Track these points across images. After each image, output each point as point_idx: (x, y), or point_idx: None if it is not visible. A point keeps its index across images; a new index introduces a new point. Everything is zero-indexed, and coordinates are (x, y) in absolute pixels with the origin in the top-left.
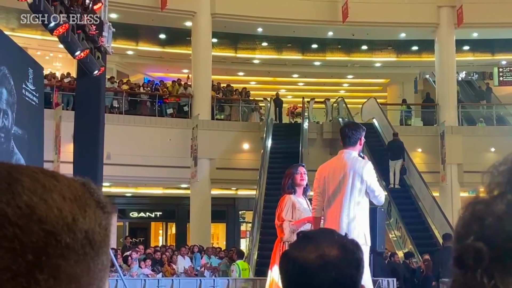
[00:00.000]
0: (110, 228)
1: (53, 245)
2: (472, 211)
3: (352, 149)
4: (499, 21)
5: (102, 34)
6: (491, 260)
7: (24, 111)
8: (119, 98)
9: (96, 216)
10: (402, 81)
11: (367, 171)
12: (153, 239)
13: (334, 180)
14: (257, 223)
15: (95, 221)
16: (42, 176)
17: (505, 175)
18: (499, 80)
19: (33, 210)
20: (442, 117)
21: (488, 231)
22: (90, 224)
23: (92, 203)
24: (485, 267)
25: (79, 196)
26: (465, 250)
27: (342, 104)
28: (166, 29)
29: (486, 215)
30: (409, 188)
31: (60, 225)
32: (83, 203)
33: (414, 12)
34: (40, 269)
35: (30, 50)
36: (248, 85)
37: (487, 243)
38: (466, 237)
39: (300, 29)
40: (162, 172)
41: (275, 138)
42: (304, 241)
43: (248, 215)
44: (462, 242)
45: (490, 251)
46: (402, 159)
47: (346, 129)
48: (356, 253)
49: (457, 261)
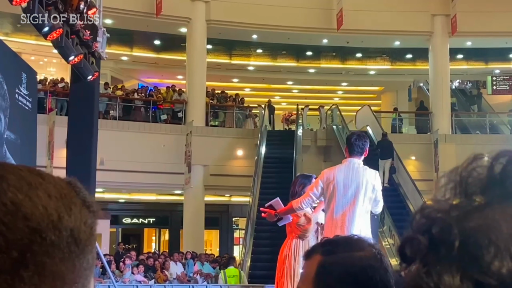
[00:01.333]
0: (95, 227)
1: (38, 243)
2: (420, 212)
3: (359, 158)
4: (493, 30)
5: (96, 39)
6: (427, 250)
7: (17, 116)
8: (113, 103)
9: (81, 214)
10: (396, 89)
11: (378, 180)
12: (146, 246)
13: (346, 188)
14: (251, 230)
15: (81, 220)
16: (27, 174)
17: (452, 183)
18: (493, 89)
19: (18, 207)
20: (435, 125)
21: (426, 226)
22: (76, 222)
23: (78, 201)
24: (422, 257)
25: (65, 195)
26: (406, 242)
27: (336, 112)
28: (161, 35)
29: (430, 215)
30: (398, 186)
31: (45, 223)
32: (68, 201)
33: (408, 20)
34: (24, 266)
35: (24, 55)
36: (243, 92)
37: (425, 235)
38: (410, 232)
39: (295, 36)
40: (156, 178)
41: (269, 145)
42: (335, 248)
43: (241, 222)
44: (404, 237)
45: (428, 242)
46: (391, 158)
47: (356, 139)
48: (384, 261)
49: (399, 253)
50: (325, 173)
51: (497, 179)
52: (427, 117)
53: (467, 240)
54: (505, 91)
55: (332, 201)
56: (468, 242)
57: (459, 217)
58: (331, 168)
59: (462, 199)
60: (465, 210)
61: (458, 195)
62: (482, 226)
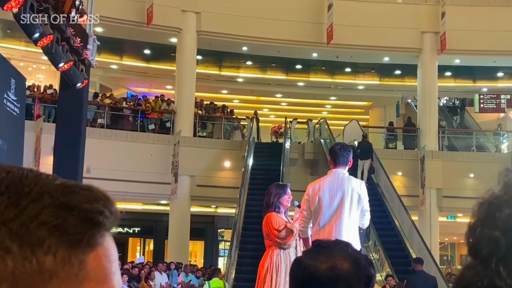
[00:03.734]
0: None
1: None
2: (488, 207)
3: (343, 168)
4: (481, 49)
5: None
6: (508, 249)
7: (4, 121)
8: (101, 111)
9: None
10: (385, 105)
11: (364, 190)
12: (130, 255)
13: (331, 199)
14: (236, 241)
15: None
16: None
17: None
18: (480, 107)
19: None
20: (422, 142)
21: (504, 223)
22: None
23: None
24: (501, 256)
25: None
26: (482, 239)
27: (324, 125)
28: (151, 45)
29: (502, 210)
30: (376, 186)
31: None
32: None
33: (398, 36)
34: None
35: (13, 61)
36: (231, 104)
37: (503, 234)
38: (482, 228)
39: (285, 49)
40: (142, 188)
41: (257, 157)
42: (318, 251)
43: (227, 234)
44: (477, 232)
45: (507, 241)
46: (370, 158)
47: (340, 149)
48: (368, 269)
49: (473, 250)
50: (310, 187)
51: None
52: (415, 133)
53: None
54: (492, 110)
55: (319, 213)
56: None
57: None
58: (315, 181)
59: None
60: None
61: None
62: None
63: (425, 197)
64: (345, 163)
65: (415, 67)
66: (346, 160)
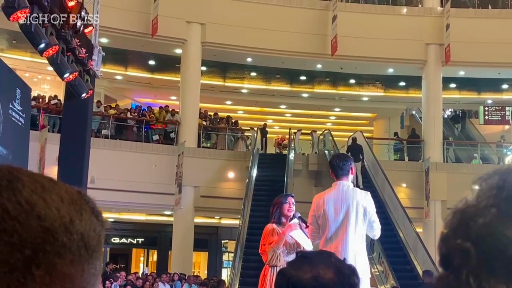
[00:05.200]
0: (103, 235)
1: (51, 243)
2: (461, 216)
3: (346, 179)
4: (486, 61)
5: (91, 58)
6: (478, 261)
7: (10, 131)
8: (106, 122)
9: (91, 221)
10: (389, 116)
11: (370, 201)
12: (134, 266)
13: (336, 213)
14: (240, 252)
15: (90, 226)
16: (40, 177)
17: (493, 189)
18: (485, 119)
19: (33, 207)
20: (427, 154)
21: (476, 234)
22: (86, 227)
23: (88, 209)
24: (471, 267)
25: (76, 200)
26: (453, 250)
27: (329, 137)
28: (155, 56)
29: (475, 220)
30: (375, 189)
31: (58, 224)
32: (79, 207)
33: (402, 48)
34: (36, 265)
35: (18, 71)
36: (236, 114)
37: (474, 245)
38: (454, 238)
39: (289, 60)
40: (146, 198)
41: (261, 168)
42: (301, 261)
43: (230, 245)
44: (449, 243)
45: (477, 252)
46: (360, 161)
47: (337, 161)
48: (351, 278)
49: (444, 260)
50: (315, 201)
51: None
52: (419, 145)
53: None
54: (496, 122)
55: (326, 226)
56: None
57: (505, 223)
58: (320, 194)
59: (507, 202)
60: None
61: (497, 199)
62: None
63: (429, 209)
64: (346, 174)
65: (419, 78)
66: (346, 171)
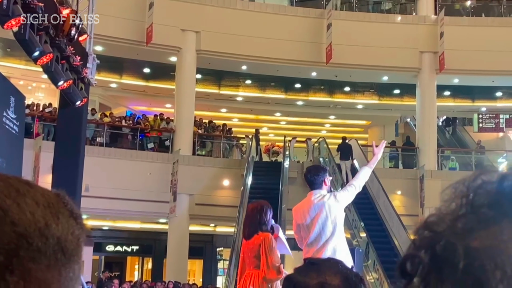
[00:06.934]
0: (82, 238)
1: (25, 248)
2: (423, 225)
3: (319, 190)
4: (480, 69)
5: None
6: (429, 269)
7: (3, 139)
8: (100, 130)
9: (69, 224)
10: (384, 124)
11: (334, 196)
12: (128, 274)
13: (308, 219)
14: (235, 260)
15: (68, 229)
16: (16, 181)
17: (454, 199)
18: (479, 127)
19: (6, 212)
20: (421, 161)
21: (429, 242)
22: (63, 231)
23: (66, 212)
24: (424, 275)
25: (53, 204)
26: (407, 258)
27: (323, 144)
28: (150, 64)
29: (433, 229)
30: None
31: (32, 229)
32: (56, 210)
33: (397, 56)
34: (10, 271)
35: (13, 79)
36: (231, 122)
37: (427, 252)
38: (413, 249)
39: (284, 68)
40: (141, 206)
41: (256, 175)
42: (308, 267)
43: (225, 253)
44: (407, 252)
45: (430, 260)
46: (350, 159)
47: (308, 175)
48: (359, 285)
49: (399, 269)
50: (294, 211)
51: (506, 194)
52: (414, 152)
53: (472, 263)
54: (491, 129)
55: (305, 233)
56: (473, 264)
57: (464, 234)
58: (298, 204)
59: (469, 212)
60: (471, 226)
61: (464, 206)
62: (489, 247)
63: (424, 216)
64: (319, 187)
65: (414, 86)
66: (319, 183)
